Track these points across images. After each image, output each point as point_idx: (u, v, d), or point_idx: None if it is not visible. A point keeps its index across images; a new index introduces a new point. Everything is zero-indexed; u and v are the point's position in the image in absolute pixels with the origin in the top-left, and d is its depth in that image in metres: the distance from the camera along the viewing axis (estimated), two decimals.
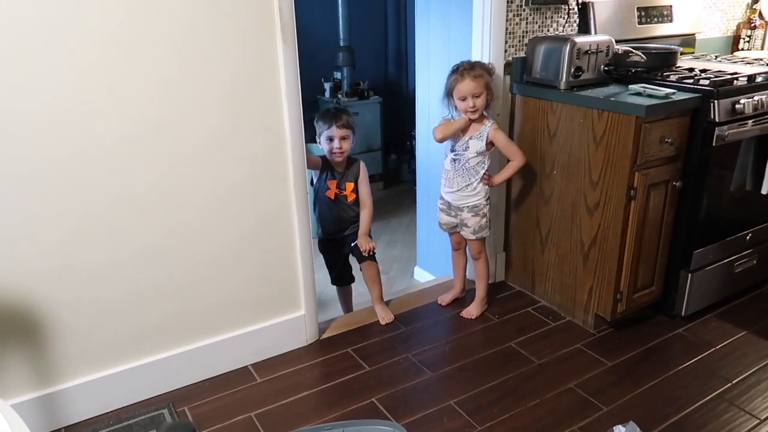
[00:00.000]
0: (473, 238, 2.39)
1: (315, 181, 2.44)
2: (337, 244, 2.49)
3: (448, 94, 2.27)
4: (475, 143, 2.26)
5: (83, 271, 1.80)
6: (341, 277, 2.61)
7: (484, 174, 2.30)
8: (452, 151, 2.31)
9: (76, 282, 1.80)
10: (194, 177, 1.90)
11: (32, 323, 1.77)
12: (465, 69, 2.21)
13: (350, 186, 2.40)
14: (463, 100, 2.20)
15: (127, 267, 1.87)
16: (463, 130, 2.28)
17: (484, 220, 2.37)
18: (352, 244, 2.43)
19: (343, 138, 2.31)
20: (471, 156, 2.27)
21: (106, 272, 1.84)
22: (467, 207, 2.34)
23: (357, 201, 2.43)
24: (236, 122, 1.91)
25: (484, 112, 2.26)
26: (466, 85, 2.19)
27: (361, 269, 2.47)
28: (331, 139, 2.31)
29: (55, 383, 1.85)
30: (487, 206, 2.36)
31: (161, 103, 1.78)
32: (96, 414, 1.93)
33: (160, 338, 1.99)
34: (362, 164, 2.44)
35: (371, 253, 2.43)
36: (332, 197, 2.40)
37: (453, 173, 2.32)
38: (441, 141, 2.31)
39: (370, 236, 2.46)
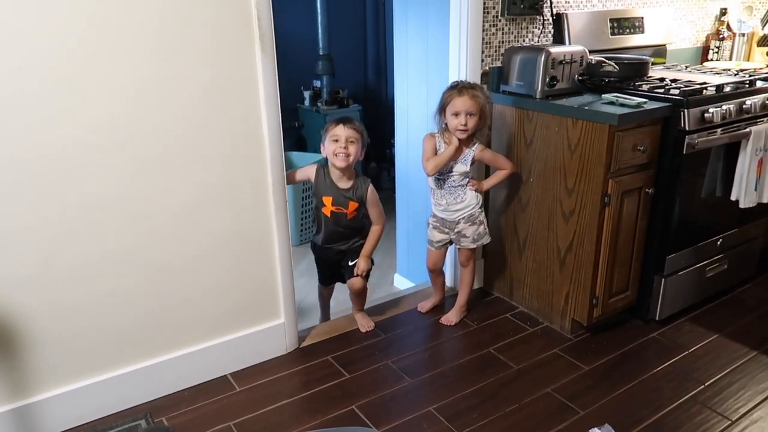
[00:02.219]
0: (474, 246, 2.41)
1: (313, 192, 2.30)
2: (329, 251, 2.37)
3: (441, 109, 2.23)
4: (459, 167, 2.29)
5: (56, 279, 1.78)
6: (326, 278, 2.51)
7: (471, 180, 2.32)
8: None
9: (50, 290, 1.77)
10: (172, 184, 1.88)
11: (6, 334, 1.74)
12: (464, 86, 2.20)
13: (353, 205, 2.24)
14: (456, 116, 2.18)
15: (101, 275, 1.84)
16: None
17: (482, 227, 2.39)
18: (351, 263, 2.32)
19: (350, 140, 2.14)
20: (455, 176, 2.30)
21: (81, 280, 1.81)
22: (463, 218, 2.36)
23: (357, 217, 2.28)
24: (215, 130, 1.91)
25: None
26: (463, 102, 2.17)
27: (348, 284, 2.41)
28: (336, 140, 2.14)
29: (29, 395, 1.82)
30: (482, 213, 2.39)
31: (136, 109, 1.76)
32: (72, 426, 1.90)
33: (136, 348, 1.97)
34: (372, 187, 2.26)
35: (365, 275, 2.34)
36: (328, 215, 2.25)
37: (440, 193, 2.34)
38: (433, 174, 2.27)
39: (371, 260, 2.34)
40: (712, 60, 3.25)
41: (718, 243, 2.56)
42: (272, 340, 2.25)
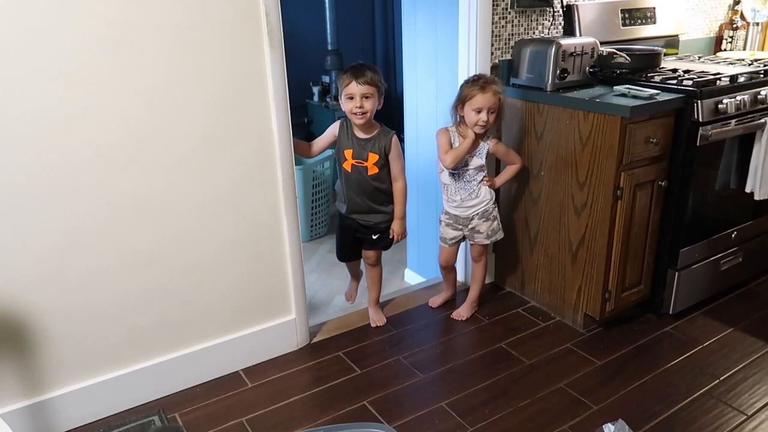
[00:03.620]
0: (488, 242, 2.40)
1: (335, 152, 2.25)
2: (352, 223, 2.30)
3: (461, 102, 2.19)
4: (475, 161, 2.27)
5: (72, 279, 1.79)
6: (344, 253, 2.46)
7: (484, 177, 2.31)
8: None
9: (66, 289, 1.79)
10: (183, 182, 1.89)
11: (22, 331, 1.76)
12: (487, 82, 2.15)
13: (374, 157, 2.14)
14: (478, 112, 2.15)
15: (116, 273, 1.86)
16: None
17: (496, 222, 2.38)
18: (374, 237, 2.27)
19: (365, 96, 2.05)
20: (471, 169, 2.28)
21: (96, 279, 1.83)
22: (477, 214, 2.34)
23: (379, 176, 2.18)
24: (224, 127, 1.91)
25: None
26: (486, 99, 2.13)
27: (365, 268, 2.44)
28: (351, 98, 2.06)
29: (44, 391, 1.84)
30: (496, 208, 2.38)
31: (149, 108, 1.77)
32: (86, 422, 1.92)
33: (150, 345, 1.98)
34: (395, 138, 2.17)
35: (388, 244, 2.30)
36: (349, 169, 2.18)
37: (454, 187, 2.32)
38: (452, 167, 2.24)
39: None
40: (725, 50, 3.21)
41: (733, 236, 2.53)
42: (283, 336, 2.25)
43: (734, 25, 3.20)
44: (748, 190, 2.34)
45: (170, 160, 1.85)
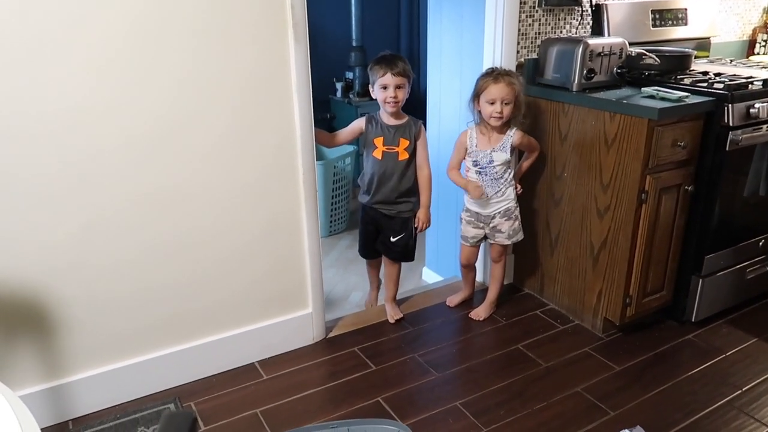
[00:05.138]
0: (508, 242, 2.38)
1: (361, 146, 2.31)
2: (375, 214, 2.33)
3: (476, 96, 2.20)
4: (499, 155, 2.24)
5: (95, 267, 1.82)
6: (368, 249, 2.48)
7: (512, 180, 2.31)
8: (475, 164, 2.28)
9: (88, 277, 1.81)
10: (207, 176, 1.90)
11: (43, 316, 1.79)
12: (500, 73, 2.17)
13: (404, 143, 2.22)
14: (492, 104, 2.15)
15: (138, 264, 1.88)
16: (486, 142, 2.25)
17: (517, 222, 2.36)
18: (393, 239, 2.31)
19: (398, 87, 2.15)
20: (497, 165, 2.26)
21: (118, 268, 1.85)
22: (499, 213, 2.32)
23: (409, 162, 2.25)
24: (248, 121, 1.92)
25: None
26: (499, 90, 2.14)
27: (384, 264, 2.45)
28: (385, 88, 2.16)
29: (63, 376, 1.87)
30: (518, 208, 2.36)
31: (175, 102, 1.79)
32: (103, 407, 1.94)
33: (168, 333, 2.00)
34: (422, 126, 2.28)
35: (413, 242, 2.34)
36: (380, 157, 2.23)
37: (482, 184, 2.30)
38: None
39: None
40: (758, 54, 3.14)
41: (760, 244, 2.47)
42: (300, 329, 2.26)
43: None
44: None
45: (195, 153, 1.86)
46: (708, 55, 2.91)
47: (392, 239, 2.34)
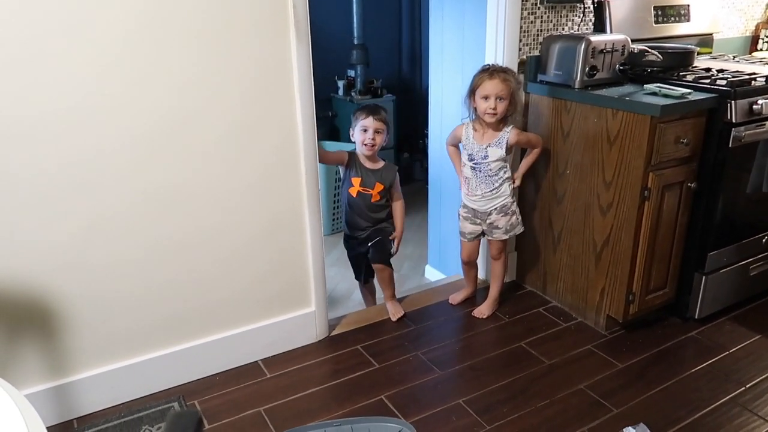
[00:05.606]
0: (506, 237, 2.38)
1: (341, 175, 2.43)
2: (355, 242, 2.46)
3: (471, 92, 2.21)
4: (494, 151, 2.24)
5: (98, 266, 1.82)
6: (360, 274, 2.59)
7: (508, 177, 2.30)
8: (470, 159, 2.28)
9: (91, 276, 1.82)
10: (209, 175, 1.91)
11: (47, 315, 1.79)
12: (495, 69, 2.18)
13: (379, 187, 2.35)
14: (486, 99, 2.16)
15: (141, 263, 1.88)
16: (480, 137, 2.25)
17: (515, 217, 2.36)
18: (369, 244, 2.40)
19: (377, 131, 2.28)
20: (492, 162, 2.25)
21: (121, 267, 1.86)
22: (495, 209, 2.32)
23: (380, 202, 2.38)
24: (250, 120, 1.92)
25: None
26: (494, 86, 2.14)
27: (374, 271, 2.47)
28: (365, 130, 2.28)
29: (67, 375, 1.87)
30: (515, 203, 2.35)
31: (177, 101, 1.79)
32: (107, 406, 1.95)
33: (171, 332, 2.01)
34: (397, 174, 2.41)
35: (388, 258, 2.41)
36: (354, 195, 2.36)
37: (475, 181, 2.30)
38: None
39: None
40: (761, 50, 3.13)
41: (763, 241, 2.47)
42: (303, 328, 2.26)
43: None
44: None
45: (197, 152, 1.87)
46: (711, 52, 2.90)
47: (369, 244, 2.40)
